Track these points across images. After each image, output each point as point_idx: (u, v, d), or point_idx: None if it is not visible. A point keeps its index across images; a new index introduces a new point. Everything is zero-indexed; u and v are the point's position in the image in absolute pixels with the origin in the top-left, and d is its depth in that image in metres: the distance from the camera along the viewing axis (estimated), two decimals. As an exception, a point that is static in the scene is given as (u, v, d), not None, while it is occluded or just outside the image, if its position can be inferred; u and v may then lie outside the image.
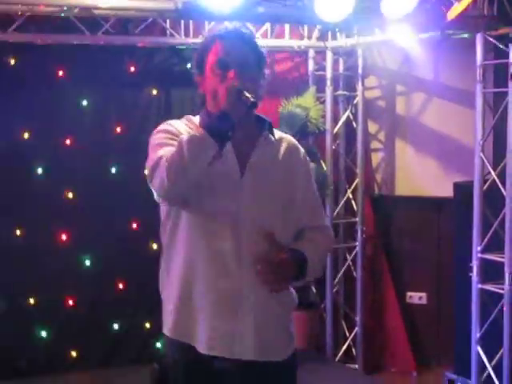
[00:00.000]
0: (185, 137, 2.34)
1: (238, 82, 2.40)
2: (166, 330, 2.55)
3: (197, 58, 2.59)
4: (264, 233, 2.43)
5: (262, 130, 2.57)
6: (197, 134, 2.33)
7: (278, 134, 2.63)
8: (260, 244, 2.43)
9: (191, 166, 2.30)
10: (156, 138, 2.50)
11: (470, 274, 5.02)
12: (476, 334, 4.96)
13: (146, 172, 2.46)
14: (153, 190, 2.47)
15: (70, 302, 5.53)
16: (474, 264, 5.00)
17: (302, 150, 2.65)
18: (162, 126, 2.54)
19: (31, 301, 5.43)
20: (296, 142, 2.65)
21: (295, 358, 2.64)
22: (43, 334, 5.46)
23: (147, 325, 5.68)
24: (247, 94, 2.39)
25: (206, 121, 2.48)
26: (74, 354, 5.55)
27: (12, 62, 5.33)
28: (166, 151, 2.37)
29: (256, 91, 2.46)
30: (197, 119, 2.58)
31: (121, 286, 5.66)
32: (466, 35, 5.00)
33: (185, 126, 2.54)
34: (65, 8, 4.41)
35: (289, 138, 2.66)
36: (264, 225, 2.46)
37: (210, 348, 2.45)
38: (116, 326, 5.66)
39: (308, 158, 2.70)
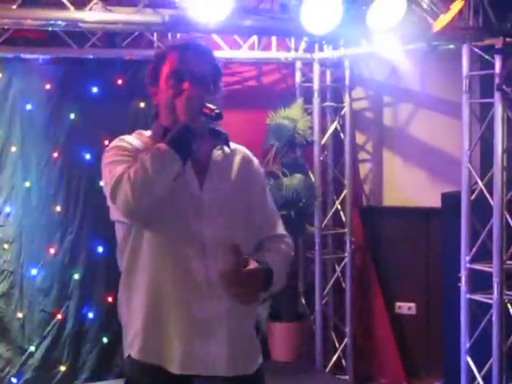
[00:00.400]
0: (147, 152, 2.29)
1: (198, 93, 2.38)
2: (133, 352, 2.44)
3: (151, 69, 2.57)
4: (229, 245, 2.34)
5: (216, 142, 2.54)
6: (160, 149, 2.28)
7: (232, 145, 2.60)
8: (226, 258, 2.35)
9: (157, 181, 2.27)
10: (110, 154, 2.46)
11: (459, 284, 5.04)
12: (465, 344, 4.97)
13: (107, 190, 2.37)
14: (113, 209, 2.41)
15: (59, 316, 5.51)
16: (463, 274, 5.02)
17: (255, 160, 2.63)
18: (115, 143, 2.49)
19: (19, 315, 5.41)
20: (250, 153, 2.62)
21: (263, 369, 2.63)
22: (32, 348, 5.44)
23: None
24: (211, 106, 2.37)
25: (158, 134, 2.45)
26: (62, 368, 5.52)
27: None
28: (125, 168, 2.31)
29: (213, 103, 2.41)
30: (148, 133, 2.56)
31: (110, 299, 5.63)
32: (452, 46, 5.04)
33: (138, 141, 2.50)
34: (51, 22, 4.39)
35: (243, 149, 2.62)
36: (227, 238, 2.39)
37: (184, 368, 2.39)
38: (105, 340, 5.63)
39: (262, 169, 2.67)
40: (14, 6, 4.07)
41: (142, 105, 5.69)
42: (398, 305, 6.22)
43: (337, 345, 6.18)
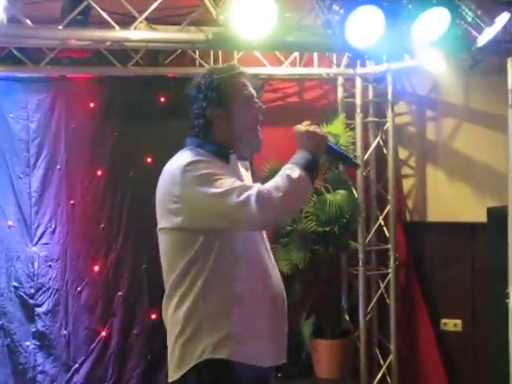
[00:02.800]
0: (295, 173, 2.52)
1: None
2: (224, 354, 2.53)
3: (219, 93, 2.67)
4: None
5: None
6: (302, 173, 2.53)
7: None
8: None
9: (300, 204, 2.71)
10: (202, 168, 2.56)
11: (507, 300, 4.96)
12: (514, 361, 4.88)
13: (233, 205, 2.47)
14: (233, 218, 2.50)
15: (104, 333, 5.54)
16: (510, 289, 4.93)
17: None
18: (197, 158, 2.60)
19: (64, 332, 5.44)
20: None
21: None
22: (77, 365, 5.46)
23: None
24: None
25: (219, 151, 2.68)
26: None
27: (44, 94, 5.39)
28: (239, 183, 2.53)
29: None
30: (201, 151, 2.66)
31: (153, 316, 5.64)
32: (496, 59, 4.98)
33: (209, 159, 2.64)
34: (96, 42, 4.44)
35: None
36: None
37: (274, 361, 2.65)
38: (150, 357, 5.64)
39: None
40: (60, 27, 4.11)
41: (185, 122, 5.69)
42: (444, 321, 6.13)
43: (381, 362, 6.12)
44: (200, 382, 2.54)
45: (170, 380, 2.64)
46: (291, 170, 2.55)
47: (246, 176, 2.80)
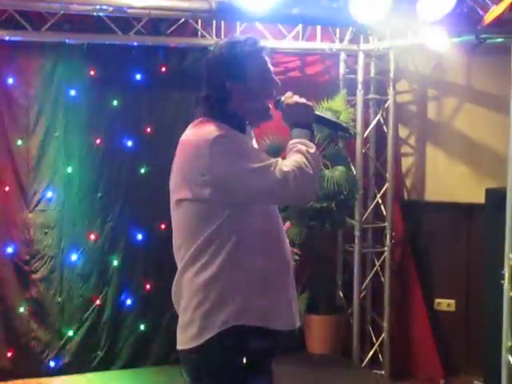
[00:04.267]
0: (312, 149, 2.60)
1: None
2: (248, 320, 2.56)
3: (241, 67, 2.64)
4: None
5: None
6: (315, 148, 2.62)
7: None
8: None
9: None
10: (231, 141, 2.57)
11: (501, 282, 4.96)
12: (507, 342, 4.88)
13: (274, 181, 2.50)
14: (272, 194, 2.55)
15: (98, 302, 5.54)
16: (506, 271, 4.92)
17: None
18: (223, 132, 2.57)
19: (59, 299, 5.45)
20: None
21: None
22: (70, 333, 5.48)
23: (174, 326, 5.65)
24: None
25: (237, 122, 2.66)
26: (100, 353, 5.55)
27: (44, 60, 5.35)
28: (272, 159, 2.54)
29: None
30: (216, 123, 2.62)
31: (148, 286, 5.65)
32: (500, 39, 4.94)
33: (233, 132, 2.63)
34: (98, 7, 4.39)
35: None
36: None
37: (287, 325, 2.67)
38: (143, 327, 5.65)
39: None
40: (63, -9, 4.07)
41: (185, 92, 5.69)
42: (438, 301, 6.14)
43: (374, 339, 6.14)
44: (224, 349, 2.55)
45: (185, 347, 2.62)
46: (307, 147, 2.60)
47: (255, 145, 2.84)
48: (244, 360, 2.55)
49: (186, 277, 2.63)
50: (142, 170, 5.61)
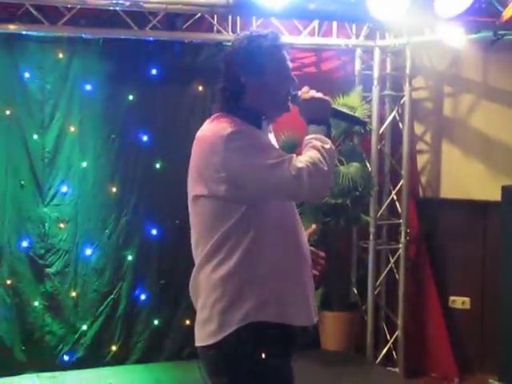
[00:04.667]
0: (327, 145, 2.57)
1: None
2: (267, 316, 2.56)
3: (259, 62, 2.61)
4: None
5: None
6: (330, 143, 2.59)
7: None
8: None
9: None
10: (246, 137, 2.54)
11: (517, 280, 4.94)
12: (522, 340, 4.87)
13: (288, 177, 2.48)
14: (286, 191, 2.53)
15: (112, 296, 5.55)
16: (522, 269, 4.91)
17: None
18: (237, 127, 2.55)
19: (73, 293, 5.46)
20: None
21: None
22: (84, 327, 5.49)
23: (187, 321, 5.67)
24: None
25: (254, 117, 2.63)
26: (114, 348, 5.57)
27: (60, 55, 5.36)
28: (287, 155, 2.52)
29: None
30: (232, 118, 2.60)
31: (162, 282, 5.65)
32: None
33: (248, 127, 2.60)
34: (115, 1, 4.39)
35: None
36: None
37: (305, 320, 2.67)
38: (156, 322, 5.65)
39: None
40: (79, -15, 4.07)
41: (200, 88, 5.68)
42: (452, 299, 6.11)
43: (388, 336, 6.12)
44: (242, 346, 2.55)
45: (203, 343, 2.60)
46: (322, 142, 2.58)
47: (273, 140, 2.81)
48: (263, 355, 2.54)
49: (204, 273, 2.62)
50: (157, 165, 5.61)
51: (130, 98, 5.53)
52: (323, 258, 2.83)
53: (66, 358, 5.43)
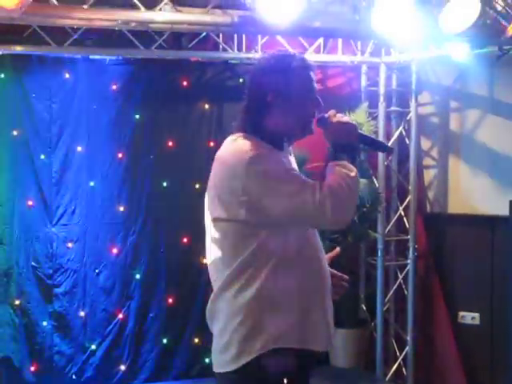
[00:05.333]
0: (352, 173, 2.52)
1: None
2: (289, 343, 2.52)
3: (287, 82, 2.58)
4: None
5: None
6: (355, 170, 2.54)
7: None
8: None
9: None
10: (267, 161, 2.49)
11: (527, 295, 4.91)
12: (533, 356, 4.84)
13: (312, 205, 2.44)
14: (309, 218, 2.49)
15: (120, 316, 5.54)
16: (531, 284, 4.89)
17: None
18: (259, 151, 2.50)
19: (82, 313, 5.45)
20: None
21: None
22: (93, 347, 5.48)
23: (196, 340, 5.66)
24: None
25: (276, 140, 2.60)
26: (122, 367, 5.55)
27: (67, 75, 5.39)
28: (310, 181, 2.49)
29: None
30: (259, 140, 2.57)
31: (170, 300, 5.64)
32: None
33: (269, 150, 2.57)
34: (120, 22, 4.42)
35: None
36: None
37: (326, 345, 2.65)
38: (165, 341, 5.64)
39: None
40: (85, 6, 4.09)
41: (207, 106, 5.70)
42: (462, 314, 6.08)
43: (397, 353, 6.08)
44: (263, 372, 2.50)
45: (222, 370, 2.57)
46: (346, 169, 2.53)
47: (293, 161, 2.78)
48: (285, 380, 2.52)
49: (223, 298, 2.58)
50: (164, 184, 5.62)
51: (137, 117, 5.55)
52: (346, 281, 2.81)
53: (74, 377, 5.43)
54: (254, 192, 2.46)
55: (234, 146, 2.56)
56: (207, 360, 5.58)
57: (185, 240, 5.61)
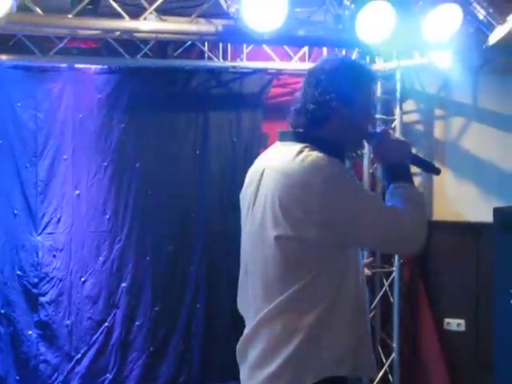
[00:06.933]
0: (421, 197, 2.51)
1: None
2: (340, 371, 2.41)
3: (352, 92, 2.48)
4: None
5: None
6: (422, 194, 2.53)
7: None
8: None
9: None
10: (346, 179, 2.39)
11: (511, 301, 4.93)
12: (517, 362, 4.86)
13: (397, 228, 2.39)
14: (398, 244, 2.48)
15: (106, 324, 5.53)
16: (515, 290, 4.91)
17: None
18: (337, 167, 2.39)
19: (67, 322, 5.44)
20: None
21: None
22: (79, 355, 5.47)
23: (182, 348, 5.66)
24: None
25: (336, 152, 2.45)
26: (109, 376, 5.54)
27: (52, 84, 5.38)
28: (395, 206, 2.43)
29: None
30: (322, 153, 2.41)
31: (156, 308, 5.64)
32: (507, 58, 4.96)
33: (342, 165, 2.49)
34: (105, 31, 4.42)
35: None
36: None
37: (374, 368, 2.60)
38: (152, 349, 5.63)
39: None
40: (70, 16, 4.10)
41: (193, 115, 5.71)
42: (447, 321, 6.10)
43: (383, 360, 6.10)
44: None
45: None
46: (415, 192, 2.51)
47: None
48: None
49: (275, 324, 2.42)
50: (150, 192, 5.61)
51: (122, 125, 5.55)
52: None
53: (60, 386, 5.42)
54: (332, 211, 2.31)
55: (306, 159, 2.37)
56: (193, 368, 5.59)
57: (170, 248, 5.61)
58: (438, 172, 2.72)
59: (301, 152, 2.39)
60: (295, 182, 2.34)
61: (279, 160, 2.43)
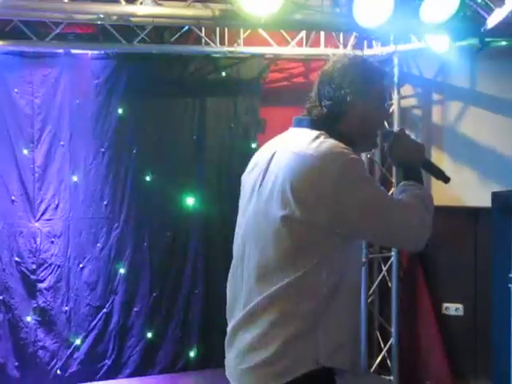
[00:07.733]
0: (429, 198, 2.50)
1: None
2: (333, 363, 2.37)
3: (369, 86, 2.49)
4: None
5: None
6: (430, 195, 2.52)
7: None
8: None
9: None
10: (362, 168, 2.38)
11: (509, 285, 4.94)
12: (515, 346, 4.86)
13: (410, 224, 2.39)
14: (412, 241, 2.47)
15: (105, 310, 5.53)
16: (513, 275, 4.91)
17: None
18: (353, 155, 2.35)
19: (66, 308, 5.44)
20: None
21: None
22: (77, 342, 5.47)
23: (180, 334, 5.67)
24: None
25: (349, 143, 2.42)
26: (107, 362, 5.55)
27: (49, 70, 5.36)
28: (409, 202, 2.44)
29: None
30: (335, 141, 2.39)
31: (154, 294, 5.64)
32: (504, 43, 4.94)
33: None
34: (102, 16, 4.40)
35: None
36: None
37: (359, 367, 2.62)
38: (150, 335, 5.64)
39: None
40: (67, 0, 4.08)
41: (189, 100, 5.70)
42: (445, 306, 6.11)
43: (382, 345, 6.11)
44: None
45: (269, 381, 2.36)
46: (424, 193, 2.50)
47: None
48: None
49: (275, 306, 2.36)
50: (147, 178, 5.61)
51: (120, 111, 5.54)
52: None
53: (59, 372, 5.42)
54: (345, 198, 2.29)
55: (323, 145, 2.35)
56: (192, 354, 5.60)
57: (168, 234, 5.61)
58: (447, 181, 2.68)
59: (317, 137, 2.38)
60: (310, 166, 2.32)
61: (294, 142, 2.42)
